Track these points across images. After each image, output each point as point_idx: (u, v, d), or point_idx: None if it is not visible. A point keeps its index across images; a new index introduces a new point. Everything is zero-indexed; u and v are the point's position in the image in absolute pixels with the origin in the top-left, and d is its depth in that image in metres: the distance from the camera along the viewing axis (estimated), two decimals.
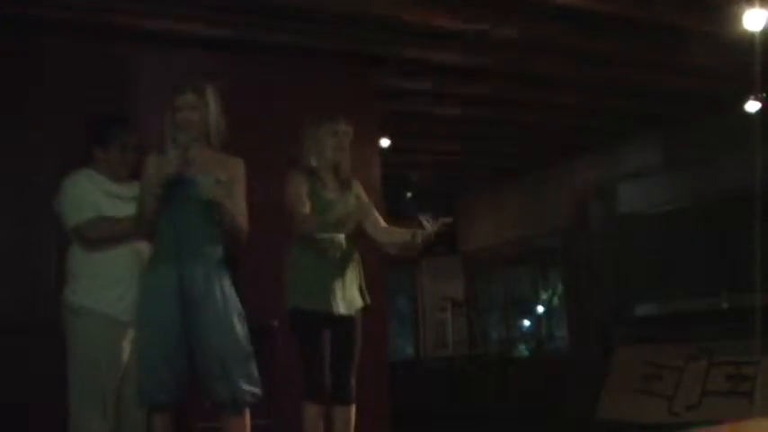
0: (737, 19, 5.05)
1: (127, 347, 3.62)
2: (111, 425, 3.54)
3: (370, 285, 3.96)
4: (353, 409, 3.81)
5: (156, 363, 3.25)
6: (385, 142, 6.83)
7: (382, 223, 3.95)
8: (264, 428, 3.60)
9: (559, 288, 10.03)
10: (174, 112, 3.35)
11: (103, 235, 3.61)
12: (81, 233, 3.60)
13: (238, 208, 3.36)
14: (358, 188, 3.99)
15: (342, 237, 3.81)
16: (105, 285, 3.58)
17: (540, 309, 10.47)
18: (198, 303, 3.25)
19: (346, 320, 3.79)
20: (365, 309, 3.90)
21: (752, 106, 6.48)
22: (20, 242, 4.68)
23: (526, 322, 10.82)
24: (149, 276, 3.36)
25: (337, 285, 3.76)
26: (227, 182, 3.29)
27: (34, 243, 4.62)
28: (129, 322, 3.58)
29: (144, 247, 3.69)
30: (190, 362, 3.26)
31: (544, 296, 10.42)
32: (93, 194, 3.65)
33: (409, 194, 10.30)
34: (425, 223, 3.66)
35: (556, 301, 10.20)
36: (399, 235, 3.82)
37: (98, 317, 3.55)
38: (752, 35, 5.11)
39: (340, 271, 3.78)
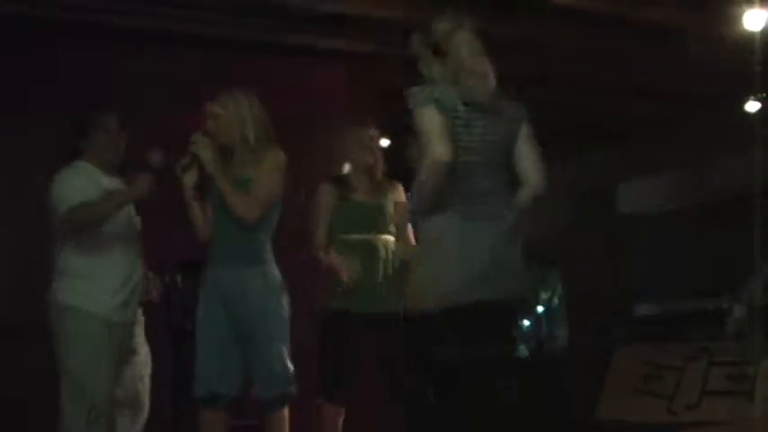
0: (737, 19, 5.04)
1: (118, 346, 3.59)
2: (103, 424, 3.51)
3: None
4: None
5: (205, 360, 3.39)
6: (385, 142, 6.81)
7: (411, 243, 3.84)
8: None
9: (559, 288, 10.01)
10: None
11: (83, 220, 3.50)
12: (68, 221, 3.50)
13: (250, 199, 3.36)
14: (397, 193, 3.99)
15: (378, 237, 3.85)
16: (93, 284, 3.52)
17: (540, 309, 10.46)
18: (230, 303, 3.35)
19: (384, 319, 3.70)
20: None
21: (752, 106, 6.47)
22: (19, 242, 4.69)
23: (526, 322, 10.81)
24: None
25: (373, 284, 3.77)
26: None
27: (32, 243, 4.61)
28: (119, 322, 3.56)
29: (133, 246, 3.67)
30: (240, 360, 3.37)
31: (544, 296, 10.40)
32: (84, 185, 3.57)
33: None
34: None
35: (556, 301, 10.18)
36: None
37: (86, 316, 3.50)
38: (752, 35, 5.10)
39: (377, 270, 3.78)
